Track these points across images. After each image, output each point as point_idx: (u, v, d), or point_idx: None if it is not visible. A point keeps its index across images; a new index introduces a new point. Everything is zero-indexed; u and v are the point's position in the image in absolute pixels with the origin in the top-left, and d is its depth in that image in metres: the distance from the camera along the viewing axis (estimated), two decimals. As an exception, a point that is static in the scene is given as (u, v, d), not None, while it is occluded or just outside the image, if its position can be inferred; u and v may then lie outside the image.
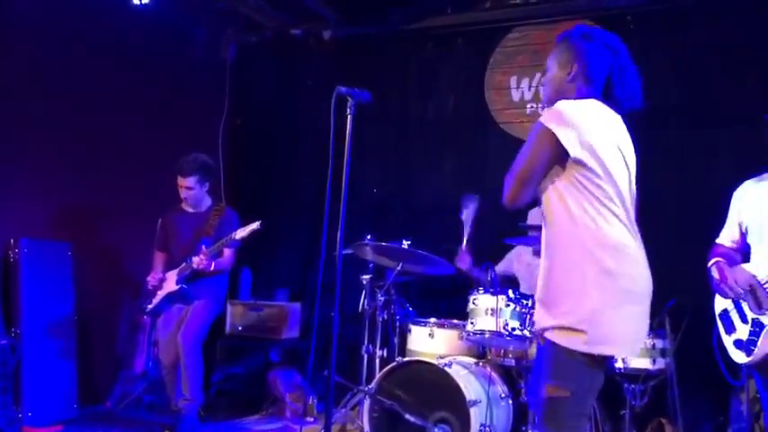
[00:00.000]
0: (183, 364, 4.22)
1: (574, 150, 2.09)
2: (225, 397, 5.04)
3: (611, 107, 2.25)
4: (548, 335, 2.13)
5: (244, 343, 5.28)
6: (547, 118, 2.14)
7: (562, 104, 2.16)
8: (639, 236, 2.21)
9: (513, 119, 5.24)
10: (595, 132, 2.13)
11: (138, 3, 4.76)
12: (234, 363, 5.21)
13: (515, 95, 5.24)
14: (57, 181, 4.67)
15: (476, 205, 4.43)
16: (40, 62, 4.55)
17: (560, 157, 2.13)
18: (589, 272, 2.09)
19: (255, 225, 4.12)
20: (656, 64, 4.70)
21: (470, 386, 3.66)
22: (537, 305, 2.25)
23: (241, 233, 4.14)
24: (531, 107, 5.19)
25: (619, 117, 2.27)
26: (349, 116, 2.65)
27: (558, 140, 2.10)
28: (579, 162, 2.11)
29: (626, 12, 4.88)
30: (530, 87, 5.20)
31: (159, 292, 4.38)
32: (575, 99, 2.22)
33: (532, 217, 4.37)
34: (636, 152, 2.31)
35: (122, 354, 4.97)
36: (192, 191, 4.37)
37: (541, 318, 2.18)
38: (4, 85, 4.35)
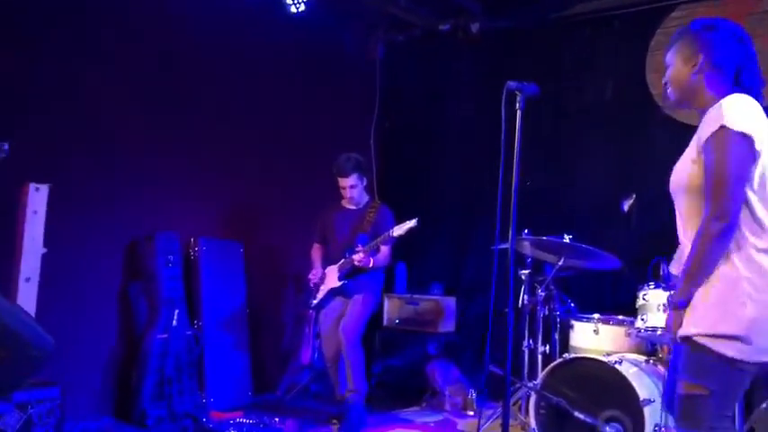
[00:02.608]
0: (346, 357, 4.38)
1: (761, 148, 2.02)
2: (385, 388, 5.18)
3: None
4: (696, 339, 2.01)
5: (401, 336, 5.41)
6: (726, 120, 2.00)
7: (726, 103, 2.05)
8: None
9: (678, 102, 4.94)
10: (758, 128, 2.04)
11: (296, 11, 5.00)
12: (392, 355, 5.35)
13: (680, 77, 4.93)
14: (228, 184, 5.00)
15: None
16: (211, 73, 4.89)
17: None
18: (745, 280, 1.99)
19: (412, 223, 4.18)
20: None
21: (642, 384, 3.51)
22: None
23: (398, 230, 4.22)
24: (699, 89, 4.85)
25: None
26: (518, 111, 2.60)
27: (752, 140, 2.00)
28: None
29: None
30: (696, 68, 4.86)
31: (322, 288, 4.57)
32: (710, 92, 2.13)
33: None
34: None
35: (290, 345, 5.24)
36: (355, 189, 4.52)
37: (686, 323, 2.05)
38: (180, 101, 4.71)
